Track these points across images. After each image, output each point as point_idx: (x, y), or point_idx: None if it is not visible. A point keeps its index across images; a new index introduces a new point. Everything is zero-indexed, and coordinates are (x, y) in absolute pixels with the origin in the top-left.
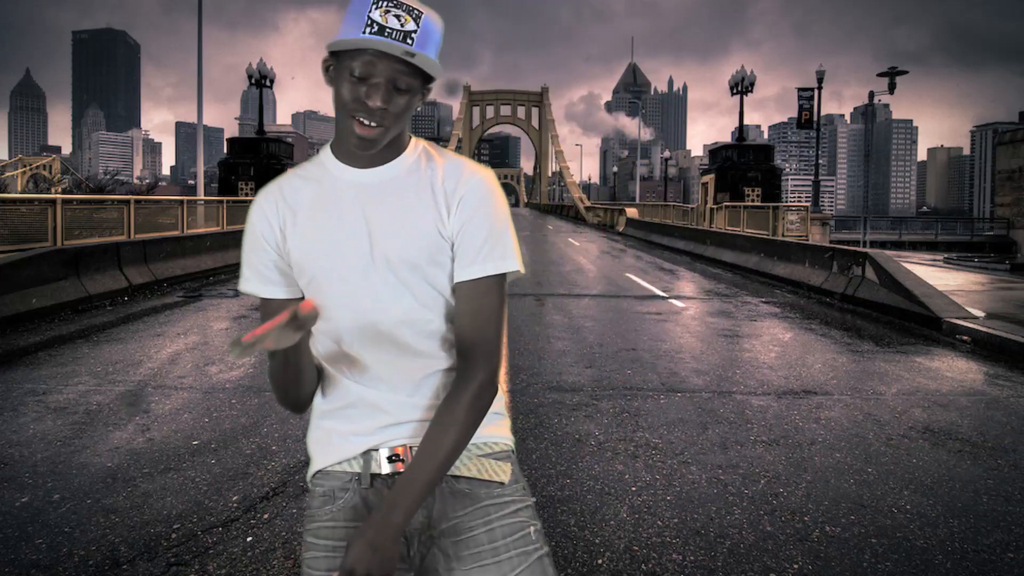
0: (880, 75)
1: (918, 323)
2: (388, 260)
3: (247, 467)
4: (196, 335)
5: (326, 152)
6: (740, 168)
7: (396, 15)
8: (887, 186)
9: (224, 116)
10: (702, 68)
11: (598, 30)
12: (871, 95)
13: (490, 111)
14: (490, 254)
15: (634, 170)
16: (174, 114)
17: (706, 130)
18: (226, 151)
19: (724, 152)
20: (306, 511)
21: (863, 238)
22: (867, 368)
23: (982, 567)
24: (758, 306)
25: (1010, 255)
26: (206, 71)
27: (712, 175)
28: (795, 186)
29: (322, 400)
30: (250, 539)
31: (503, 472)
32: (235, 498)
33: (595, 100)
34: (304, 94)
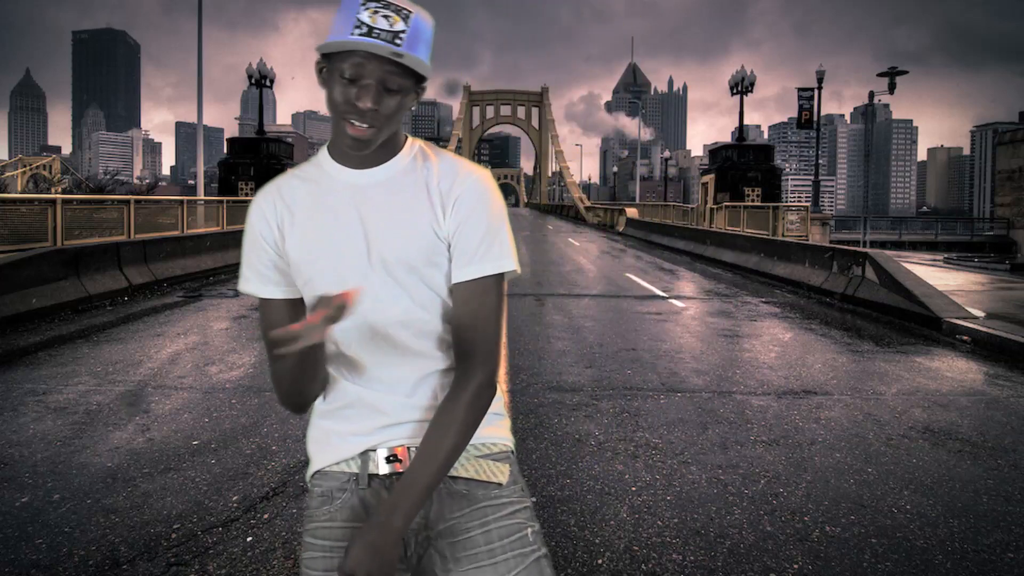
0: (880, 75)
1: (918, 323)
2: (385, 261)
3: (247, 467)
4: (196, 335)
5: (323, 153)
6: (740, 168)
7: (385, 15)
8: (887, 186)
9: (224, 116)
10: (702, 68)
11: (598, 30)
12: (871, 95)
13: (490, 111)
14: (487, 254)
15: (634, 170)
16: (174, 114)
17: (706, 130)
18: (226, 151)
19: (724, 152)
20: (305, 511)
21: (863, 238)
22: (867, 368)
23: (982, 567)
24: (758, 306)
25: (1010, 255)
26: (206, 71)
27: (712, 175)
28: (795, 186)
29: (321, 401)
30: (250, 539)
31: (501, 473)
32: (235, 498)
33: (595, 100)
34: (304, 94)
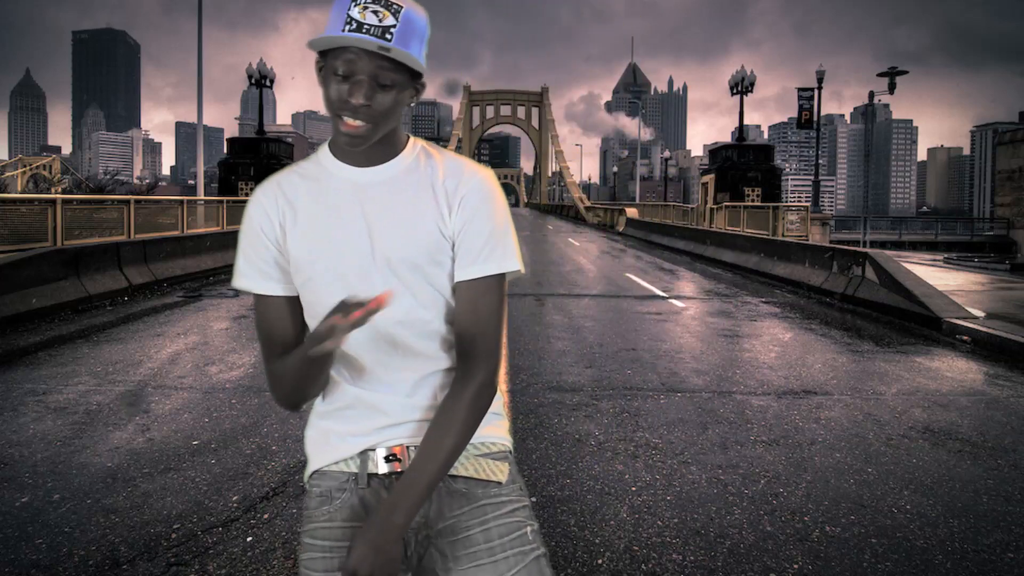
0: (880, 75)
1: (918, 323)
2: (389, 260)
3: (247, 467)
4: (196, 335)
5: (324, 151)
6: (740, 168)
7: (374, 11)
8: (887, 186)
9: (224, 116)
10: (702, 68)
11: (598, 30)
12: (871, 95)
13: (490, 111)
14: (491, 254)
15: (634, 170)
16: (174, 114)
17: (706, 130)
18: (226, 151)
19: (724, 152)
20: (303, 512)
21: (863, 238)
22: (867, 368)
23: (982, 567)
24: (758, 306)
25: (1010, 255)
26: (206, 71)
27: (712, 175)
28: (795, 186)
29: (320, 400)
30: (250, 539)
31: (500, 472)
32: (235, 498)
33: (595, 100)
34: (304, 94)
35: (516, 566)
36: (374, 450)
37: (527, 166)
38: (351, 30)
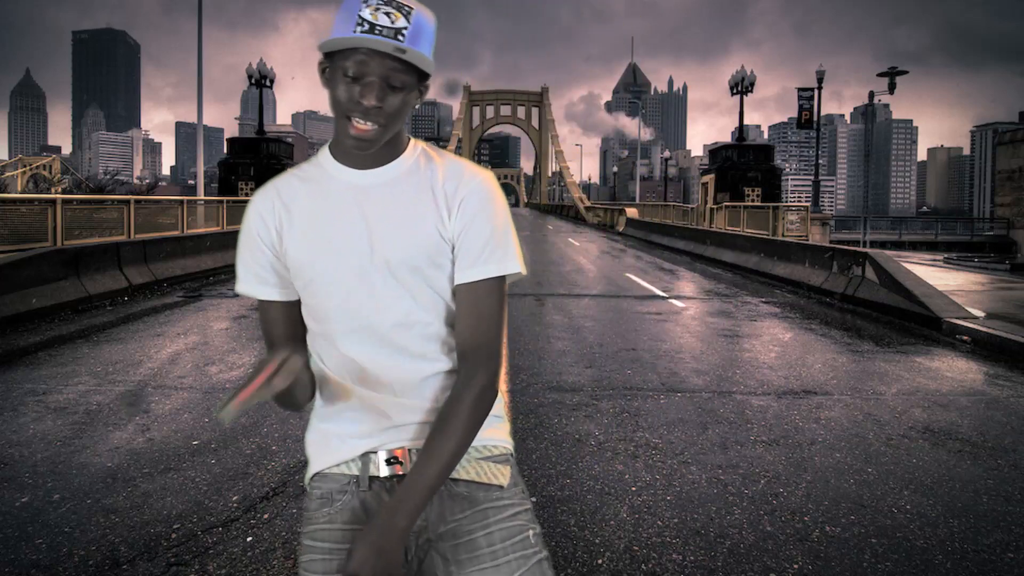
0: (880, 75)
1: (918, 323)
2: (388, 262)
3: (247, 467)
4: (196, 335)
5: (324, 153)
6: (740, 168)
7: (386, 12)
8: (887, 186)
9: (224, 116)
10: (702, 68)
11: (598, 30)
12: (871, 95)
13: (490, 111)
14: (491, 256)
15: (634, 170)
16: (174, 114)
17: (706, 130)
18: (226, 151)
19: (724, 152)
20: (304, 513)
21: (863, 238)
22: (867, 368)
23: (982, 567)
24: (758, 306)
25: (1010, 255)
26: (206, 71)
27: (712, 175)
28: (795, 186)
29: (321, 403)
30: (250, 539)
31: (502, 475)
32: (235, 498)
33: (595, 100)
34: (304, 94)
35: (518, 570)
36: (375, 453)
37: (527, 166)
38: (363, 31)
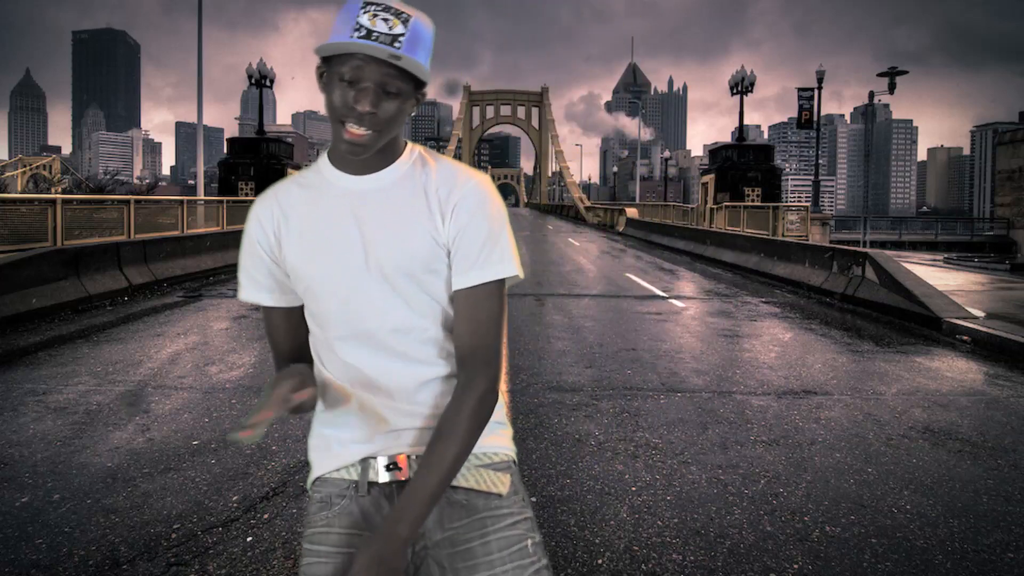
0: (880, 75)
1: (918, 323)
2: (382, 268)
3: (247, 467)
4: (196, 335)
5: (323, 159)
6: (740, 168)
7: (384, 19)
8: (887, 186)
9: (224, 116)
10: (702, 68)
11: (598, 30)
12: (871, 95)
13: (490, 111)
14: (487, 260)
15: (634, 170)
16: (174, 114)
17: (706, 130)
18: (226, 151)
19: (724, 152)
20: (305, 517)
21: (863, 238)
22: (867, 368)
23: (982, 567)
24: (758, 306)
25: (1010, 255)
26: (206, 71)
27: (712, 175)
28: (795, 186)
29: (322, 407)
30: (250, 539)
31: (502, 484)
32: (235, 498)
33: (595, 100)
34: (304, 94)
35: None
36: (375, 458)
37: (527, 166)
38: (360, 37)
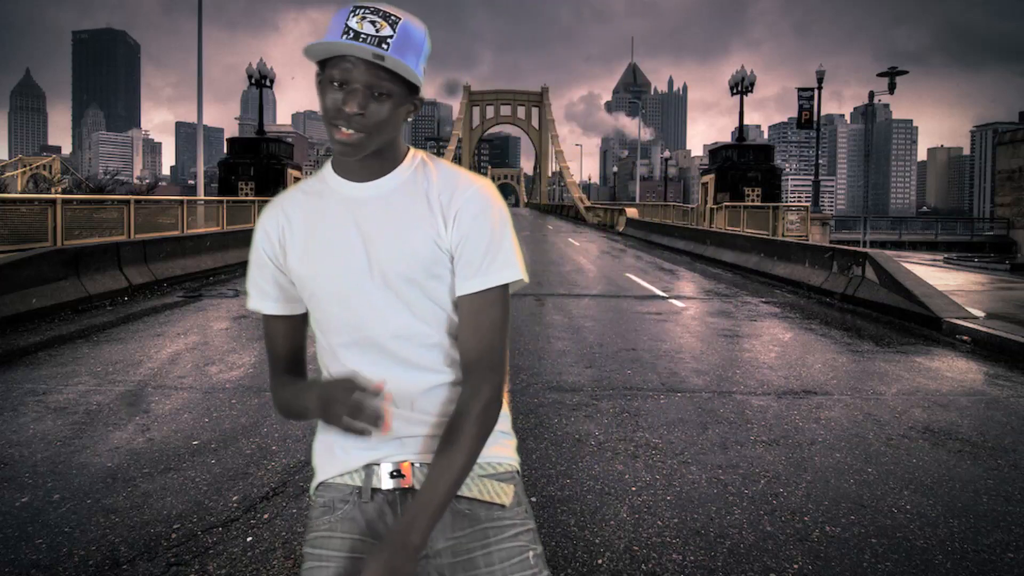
0: (880, 75)
1: (918, 323)
2: (385, 274)
3: (247, 467)
4: (196, 335)
5: (327, 167)
6: (740, 168)
7: (372, 21)
8: (887, 186)
9: (224, 116)
10: (702, 68)
11: (598, 30)
12: (871, 95)
13: (490, 111)
14: (491, 265)
15: (634, 170)
16: (174, 114)
17: (706, 130)
18: (226, 151)
19: (724, 152)
20: (307, 522)
21: (863, 238)
22: (867, 368)
23: (982, 567)
24: (758, 306)
25: (1010, 255)
26: (206, 71)
27: (712, 175)
28: (795, 186)
29: None
30: (250, 539)
31: (505, 494)
32: (235, 498)
33: (595, 100)
34: (304, 94)
35: None
36: (379, 465)
37: (527, 166)
38: (348, 39)
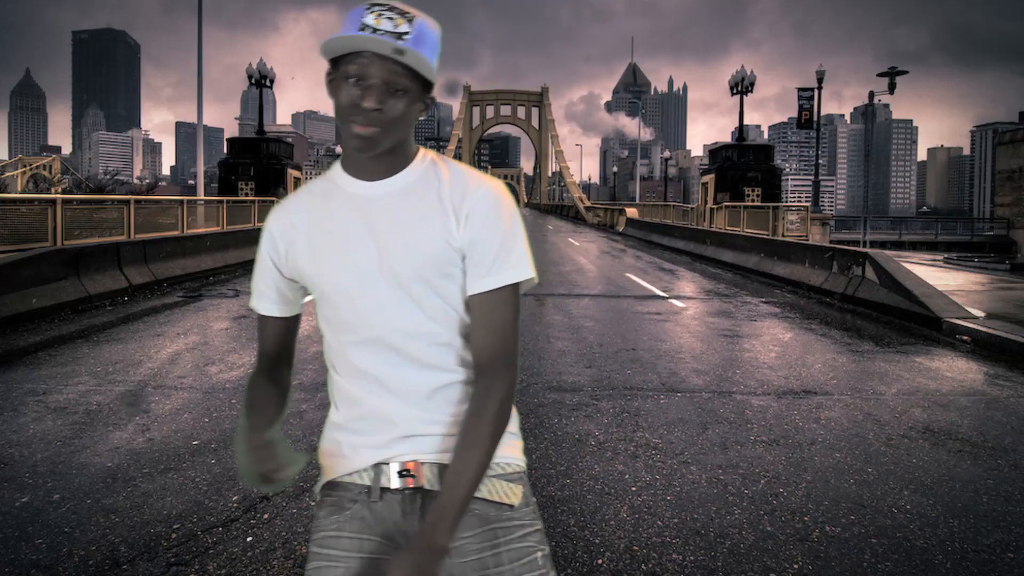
0: (880, 75)
1: (918, 323)
2: (396, 273)
3: None
4: (196, 335)
5: (336, 167)
6: (740, 168)
7: (389, 17)
8: (887, 186)
9: (224, 116)
10: (702, 68)
11: (598, 30)
12: (871, 95)
13: (490, 111)
14: (503, 264)
15: (634, 170)
16: (174, 114)
17: (706, 130)
18: (226, 151)
19: (724, 152)
20: (313, 521)
21: (863, 238)
22: (867, 368)
23: (982, 567)
24: (758, 306)
25: (1010, 255)
26: (206, 71)
27: (712, 175)
28: (795, 186)
29: (335, 412)
30: (250, 539)
31: (514, 495)
32: (235, 498)
33: (595, 100)
34: (304, 94)
35: None
36: (388, 464)
37: (527, 166)
38: (367, 35)
